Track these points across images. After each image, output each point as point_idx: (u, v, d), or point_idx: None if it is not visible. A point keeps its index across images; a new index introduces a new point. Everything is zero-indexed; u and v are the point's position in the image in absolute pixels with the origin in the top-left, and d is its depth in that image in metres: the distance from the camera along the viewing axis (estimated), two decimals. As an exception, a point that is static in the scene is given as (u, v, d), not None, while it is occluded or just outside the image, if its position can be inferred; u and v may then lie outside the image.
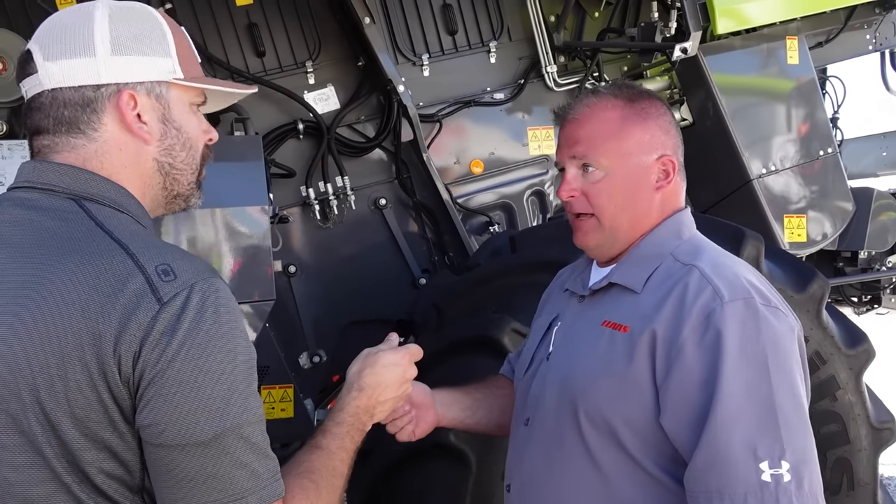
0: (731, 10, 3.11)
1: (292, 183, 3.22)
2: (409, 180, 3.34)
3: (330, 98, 3.28)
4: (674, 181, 1.47)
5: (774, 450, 1.25)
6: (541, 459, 1.48)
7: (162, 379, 1.02)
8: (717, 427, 1.26)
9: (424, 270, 3.39)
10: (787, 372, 1.30)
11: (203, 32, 3.08)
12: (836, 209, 3.65)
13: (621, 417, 1.36)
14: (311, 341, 3.27)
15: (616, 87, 1.50)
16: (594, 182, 1.44)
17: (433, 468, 2.28)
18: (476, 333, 2.32)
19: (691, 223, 1.50)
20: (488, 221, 3.44)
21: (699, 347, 1.29)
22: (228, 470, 1.05)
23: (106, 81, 1.15)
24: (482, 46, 3.47)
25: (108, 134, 1.16)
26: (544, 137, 3.55)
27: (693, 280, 1.35)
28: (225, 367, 1.05)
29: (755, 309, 1.30)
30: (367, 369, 1.37)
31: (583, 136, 1.45)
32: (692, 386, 1.29)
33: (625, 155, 1.43)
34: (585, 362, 1.42)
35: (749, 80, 3.51)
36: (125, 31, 1.16)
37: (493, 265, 2.66)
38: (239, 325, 1.10)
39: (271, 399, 3.17)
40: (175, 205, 1.27)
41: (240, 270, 2.51)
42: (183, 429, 1.02)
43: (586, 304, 1.51)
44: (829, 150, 3.64)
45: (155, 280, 1.05)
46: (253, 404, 1.09)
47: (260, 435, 1.10)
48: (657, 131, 1.46)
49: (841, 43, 3.95)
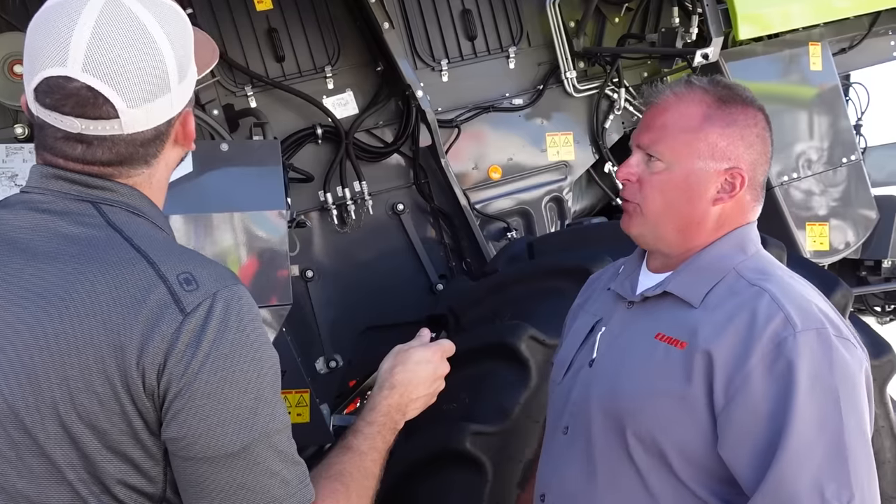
0: (753, 16, 3.08)
1: (310, 187, 3.22)
2: (427, 186, 3.33)
3: (349, 103, 3.29)
4: (738, 197, 1.36)
5: (843, 493, 1.20)
6: (583, 474, 1.41)
7: (189, 391, 1.00)
8: (785, 464, 1.21)
9: (441, 276, 3.38)
10: (857, 408, 1.25)
11: (223, 37, 3.10)
12: (859, 217, 3.60)
13: (674, 441, 1.30)
14: (328, 346, 3.27)
15: (713, 83, 1.40)
16: (653, 173, 1.37)
17: (449, 475, 2.27)
18: (493, 340, 2.31)
19: (757, 239, 1.42)
20: (506, 227, 3.43)
21: (768, 378, 1.23)
22: (259, 479, 1.04)
23: (178, 111, 1.11)
24: (501, 52, 3.45)
25: (162, 157, 1.13)
26: (563, 143, 3.53)
27: (763, 305, 1.27)
28: (251, 376, 1.03)
29: (828, 340, 1.24)
30: (399, 366, 1.33)
31: (658, 125, 1.37)
32: (758, 417, 1.23)
33: (692, 154, 1.35)
34: (637, 377, 1.34)
35: (771, 87, 3.48)
36: (182, 50, 1.09)
37: (511, 271, 2.65)
38: (262, 332, 1.08)
39: (287, 404, 3.17)
40: None
41: (257, 274, 2.52)
42: (212, 441, 1.01)
43: (636, 310, 1.42)
44: (853, 158, 3.59)
45: (177, 290, 1.02)
46: (279, 411, 1.07)
47: (287, 441, 1.08)
48: (737, 140, 1.35)
49: (865, 49, 3.90)
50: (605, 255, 2.41)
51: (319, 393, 3.16)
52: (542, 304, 2.42)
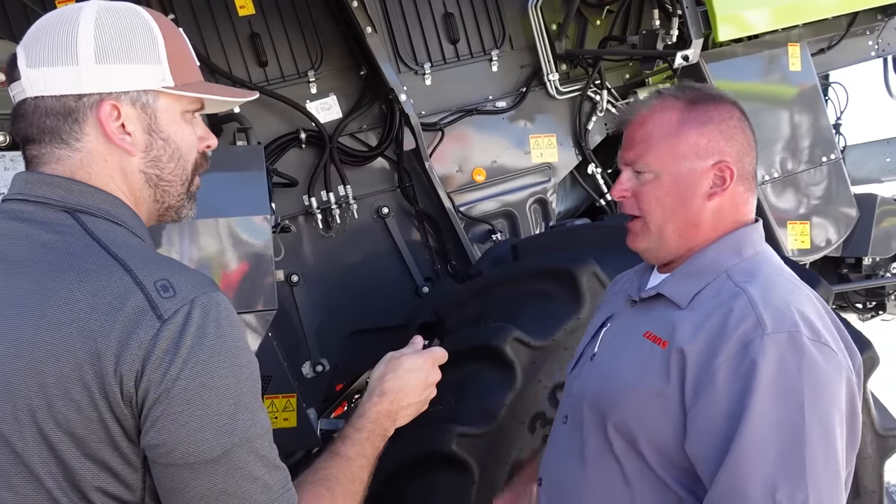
0: (732, 18, 3.10)
1: (295, 192, 3.22)
2: (412, 189, 3.34)
3: (332, 107, 3.29)
4: (730, 190, 1.39)
5: (797, 494, 1.19)
6: (574, 461, 1.47)
7: (167, 398, 1.00)
8: (737, 461, 1.21)
9: (427, 279, 3.39)
10: (823, 415, 1.22)
11: (206, 42, 3.10)
12: (839, 215, 3.64)
13: (648, 435, 1.33)
14: (314, 350, 3.27)
15: (681, 89, 1.45)
16: (644, 184, 1.41)
17: (435, 477, 2.28)
18: (477, 343, 2.32)
19: (759, 240, 1.43)
20: (491, 229, 3.44)
21: (732, 376, 1.24)
22: (240, 485, 1.04)
23: (88, 91, 1.10)
24: (484, 55, 3.47)
25: (90, 144, 1.12)
26: (546, 145, 3.55)
27: (738, 306, 1.28)
28: (230, 381, 1.03)
29: (799, 344, 1.24)
30: (390, 374, 1.33)
31: (638, 139, 1.42)
32: (719, 415, 1.24)
33: (676, 158, 1.39)
34: (622, 373, 1.39)
35: (751, 87, 3.52)
36: (111, 38, 1.11)
37: (495, 273, 2.66)
38: (241, 337, 1.08)
39: (274, 409, 3.17)
40: (167, 216, 1.23)
41: (242, 280, 2.51)
42: (191, 447, 1.01)
43: (637, 310, 1.47)
44: (832, 157, 3.63)
45: (154, 297, 1.02)
46: (260, 416, 1.08)
47: (268, 446, 1.08)
48: (717, 136, 1.39)
49: (843, 49, 3.95)
50: (589, 257, 2.43)
51: (306, 397, 3.16)
52: (527, 306, 2.43)
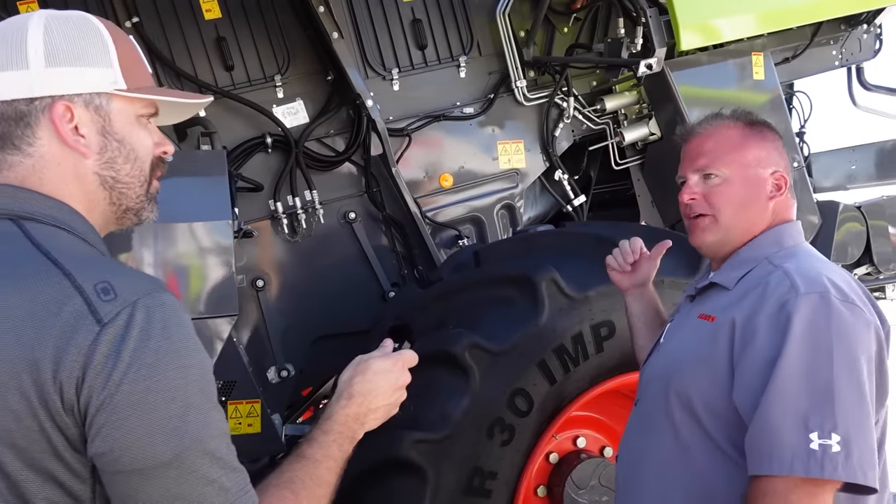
0: (695, 27, 3.14)
1: (261, 197, 3.21)
2: (379, 194, 3.34)
3: (299, 112, 3.28)
4: (784, 195, 1.64)
5: (826, 423, 1.34)
6: (638, 432, 1.70)
7: (111, 404, 0.97)
8: (773, 399, 1.38)
9: (394, 284, 3.39)
10: (851, 359, 1.39)
11: (171, 46, 3.08)
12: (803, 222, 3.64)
13: (701, 397, 1.52)
14: (280, 356, 3.26)
15: (737, 112, 1.70)
16: (714, 186, 1.63)
17: (393, 483, 2.28)
18: (436, 348, 2.33)
19: (798, 234, 1.65)
20: (458, 235, 3.45)
21: (770, 330, 1.43)
22: (195, 488, 1.02)
23: (39, 94, 1.11)
24: (452, 61, 3.48)
25: (44, 149, 1.13)
26: (514, 151, 3.57)
27: (775, 277, 1.50)
28: (178, 383, 1.01)
29: (828, 301, 1.42)
30: (359, 377, 1.32)
31: (706, 150, 1.65)
32: (759, 362, 1.42)
33: (744, 165, 1.62)
34: (680, 347, 1.63)
35: (716, 95, 3.55)
36: (61, 42, 1.12)
37: (456, 279, 2.67)
38: (191, 338, 1.05)
39: (238, 414, 3.15)
40: (126, 219, 1.23)
41: (202, 285, 2.51)
42: (140, 452, 0.98)
43: (695, 302, 1.70)
44: (795, 164, 3.67)
45: (94, 300, 1.00)
46: (214, 417, 1.05)
47: (225, 448, 1.07)
48: (773, 150, 1.65)
49: (808, 59, 4.00)
50: (548, 264, 2.45)
51: (271, 403, 3.15)
52: (487, 312, 2.44)
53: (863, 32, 4.15)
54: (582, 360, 2.44)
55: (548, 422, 2.43)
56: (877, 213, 3.95)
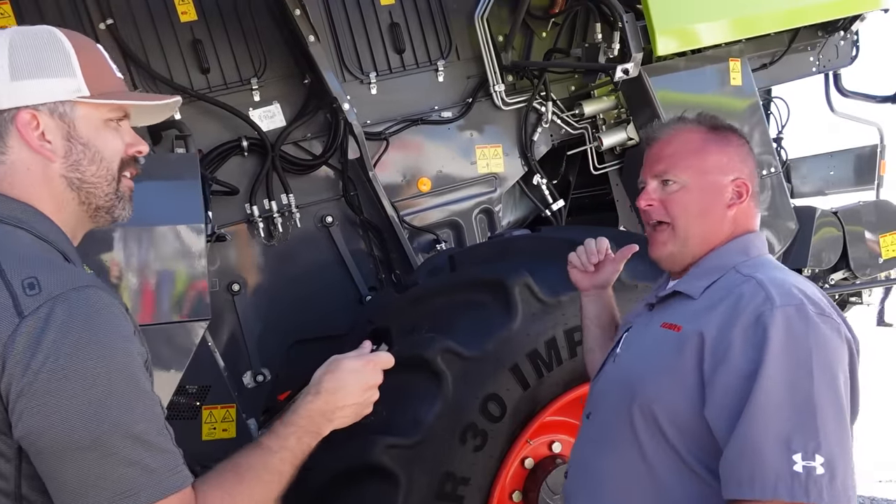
0: (671, 32, 3.15)
1: (237, 200, 3.20)
2: (357, 198, 3.33)
3: (276, 115, 3.27)
4: (746, 203, 1.58)
5: (809, 443, 1.29)
6: (593, 447, 1.61)
7: (30, 391, 1.05)
8: (753, 417, 1.32)
9: (372, 288, 3.38)
10: (831, 373, 1.35)
11: (146, 48, 3.06)
12: (779, 227, 3.70)
13: (666, 411, 1.45)
14: (255, 360, 3.24)
15: (701, 116, 1.65)
16: (671, 192, 1.58)
17: (365, 488, 2.27)
18: (409, 353, 2.31)
19: (763, 246, 1.60)
20: (436, 239, 3.45)
21: (746, 344, 1.37)
22: (115, 469, 1.08)
23: (6, 106, 1.20)
24: (430, 65, 3.48)
25: (14, 156, 1.21)
26: (492, 156, 3.56)
27: (748, 288, 1.44)
28: (98, 370, 1.07)
29: (805, 314, 1.38)
30: (329, 374, 1.35)
31: (666, 155, 1.60)
32: (736, 379, 1.36)
33: (703, 172, 1.57)
34: (643, 360, 1.55)
35: (693, 100, 3.56)
36: (24, 57, 1.21)
37: (430, 284, 2.67)
38: (117, 329, 1.12)
39: (213, 419, 3.13)
40: (100, 218, 1.30)
41: (174, 289, 2.48)
42: (58, 436, 1.06)
43: (654, 311, 1.63)
44: (773, 170, 3.70)
45: (19, 294, 1.08)
46: (140, 403, 1.11)
47: (154, 432, 1.12)
48: (734, 157, 1.59)
49: (785, 65, 4.02)
50: (522, 268, 2.45)
51: (246, 407, 3.12)
52: (461, 317, 2.44)
53: (840, 39, 4.18)
54: (556, 365, 2.43)
55: (521, 427, 2.42)
56: (854, 219, 3.98)
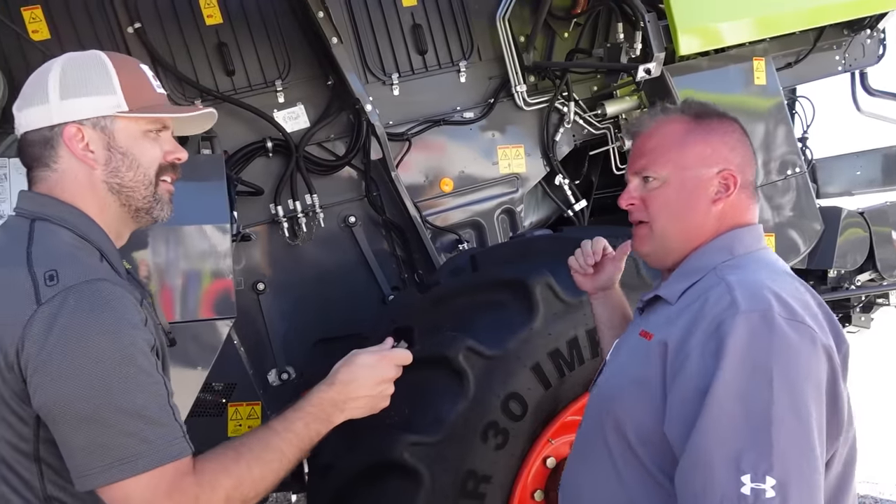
0: (694, 31, 3.13)
1: (261, 201, 3.24)
2: (379, 198, 3.36)
3: (300, 116, 3.31)
4: (734, 196, 1.47)
5: (760, 464, 1.21)
6: (575, 459, 1.59)
7: (44, 368, 1.22)
8: (706, 430, 1.26)
9: (394, 288, 3.40)
10: (793, 387, 1.25)
11: (172, 51, 3.11)
12: (804, 228, 3.67)
13: (633, 422, 1.40)
14: (280, 358, 3.28)
15: (686, 104, 1.55)
16: (652, 190, 1.50)
17: (387, 484, 2.29)
18: (431, 352, 2.33)
19: (754, 240, 1.48)
20: (458, 239, 3.46)
21: (702, 355, 1.30)
22: (115, 438, 1.22)
23: (57, 122, 1.39)
24: (452, 66, 3.49)
25: (64, 164, 1.41)
26: (514, 156, 3.57)
27: (716, 292, 1.35)
28: (103, 349, 1.22)
29: (771, 321, 1.27)
30: (344, 367, 1.44)
31: (647, 150, 1.52)
32: (690, 392, 1.29)
33: (683, 166, 1.47)
34: (618, 369, 1.51)
35: (717, 100, 3.50)
36: (72, 78, 1.40)
37: (452, 284, 2.68)
38: (123, 316, 1.26)
39: (238, 416, 3.17)
40: (141, 218, 1.47)
41: (200, 288, 2.53)
42: (65, 407, 1.22)
43: (641, 316, 1.57)
44: (798, 170, 3.67)
45: (40, 284, 1.26)
46: (141, 381, 1.25)
47: (155, 407, 1.25)
48: (720, 146, 1.48)
49: (810, 64, 3.99)
50: (543, 268, 2.46)
51: (271, 405, 3.17)
52: (482, 317, 2.45)
53: (866, 37, 4.13)
54: (577, 365, 2.44)
55: (543, 426, 2.43)
56: (880, 220, 3.93)
